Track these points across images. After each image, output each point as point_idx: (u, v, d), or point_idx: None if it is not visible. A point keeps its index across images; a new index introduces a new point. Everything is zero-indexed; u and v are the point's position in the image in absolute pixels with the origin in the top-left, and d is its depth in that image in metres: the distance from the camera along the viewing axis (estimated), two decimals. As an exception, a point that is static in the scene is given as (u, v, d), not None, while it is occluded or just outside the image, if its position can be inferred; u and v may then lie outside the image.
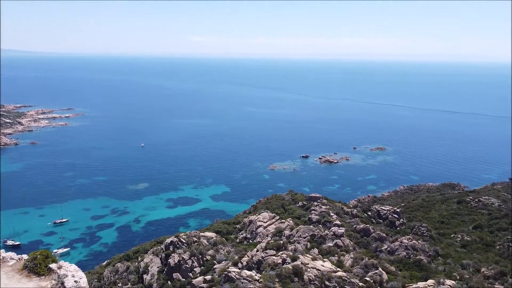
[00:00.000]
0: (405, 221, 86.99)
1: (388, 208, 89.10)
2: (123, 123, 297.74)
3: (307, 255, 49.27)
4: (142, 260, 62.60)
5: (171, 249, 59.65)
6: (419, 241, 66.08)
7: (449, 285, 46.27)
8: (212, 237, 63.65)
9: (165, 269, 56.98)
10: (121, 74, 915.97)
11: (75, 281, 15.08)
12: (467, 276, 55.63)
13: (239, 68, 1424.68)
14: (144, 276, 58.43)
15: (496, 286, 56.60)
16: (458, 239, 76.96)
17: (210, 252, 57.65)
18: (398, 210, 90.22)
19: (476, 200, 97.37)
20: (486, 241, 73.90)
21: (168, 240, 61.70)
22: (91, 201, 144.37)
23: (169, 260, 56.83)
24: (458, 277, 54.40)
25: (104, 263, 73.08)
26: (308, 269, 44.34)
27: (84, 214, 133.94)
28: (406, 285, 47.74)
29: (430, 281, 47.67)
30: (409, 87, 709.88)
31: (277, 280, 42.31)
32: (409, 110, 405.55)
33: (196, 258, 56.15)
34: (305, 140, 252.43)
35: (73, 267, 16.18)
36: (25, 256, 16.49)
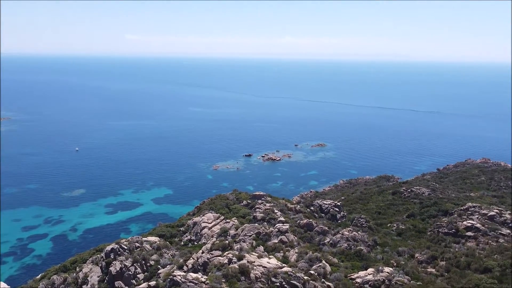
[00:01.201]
0: (345, 213, 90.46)
1: (329, 202, 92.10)
2: (55, 127, 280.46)
3: (253, 253, 49.46)
4: (81, 270, 59.26)
5: (112, 257, 57.06)
6: (359, 232, 68.99)
7: (387, 272, 48.73)
8: (156, 242, 61.80)
9: (106, 278, 54.40)
10: (52, 74, 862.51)
11: (2, 300, 13.76)
12: (403, 262, 59.06)
13: (177, 67, 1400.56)
14: (84, 287, 55.35)
15: (428, 269, 60.69)
16: (394, 228, 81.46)
17: (154, 257, 55.94)
18: (338, 203, 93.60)
19: (409, 190, 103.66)
20: (419, 228, 78.94)
21: (109, 248, 58.94)
22: (22, 211, 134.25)
23: (110, 268, 54.32)
24: (395, 264, 57.55)
25: (39, 277, 68.26)
26: (255, 267, 44.50)
27: (14, 225, 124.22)
28: (349, 275, 49.57)
29: (370, 270, 49.91)
30: (346, 85, 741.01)
31: (223, 280, 42.00)
32: (346, 107, 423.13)
33: (139, 264, 54.20)
34: (247, 139, 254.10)
35: (2, 285, 14.76)
36: None
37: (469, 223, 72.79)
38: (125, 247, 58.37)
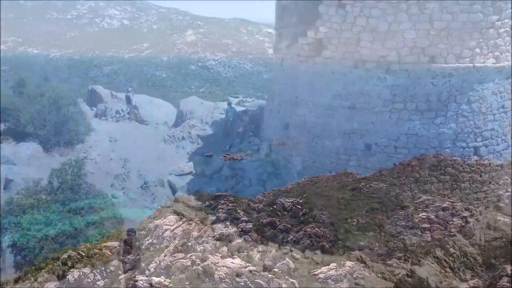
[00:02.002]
0: (307, 210, 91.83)
1: (291, 200, 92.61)
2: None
3: (217, 254, 48.96)
4: (36, 280, 56.42)
5: (70, 264, 54.75)
6: (321, 229, 70.32)
7: (349, 266, 49.69)
8: (116, 247, 59.96)
9: (64, 287, 52.19)
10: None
11: None
12: (364, 256, 60.81)
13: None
14: (39, 297, 52.71)
15: (388, 261, 62.82)
16: (354, 223, 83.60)
17: (114, 262, 54.24)
18: (301, 201, 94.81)
19: (368, 186, 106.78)
20: (378, 223, 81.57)
21: (66, 255, 56.00)
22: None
23: (67, 277, 51.89)
24: (356, 258, 59.13)
25: (-11, 290, 64.47)
26: (219, 268, 44.04)
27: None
28: (312, 271, 50.23)
29: (332, 265, 50.54)
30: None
31: (187, 283, 41.35)
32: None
33: (98, 270, 52.35)
34: (208, 139, 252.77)
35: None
36: None
37: (424, 215, 76.01)
38: (83, 254, 56.11)
